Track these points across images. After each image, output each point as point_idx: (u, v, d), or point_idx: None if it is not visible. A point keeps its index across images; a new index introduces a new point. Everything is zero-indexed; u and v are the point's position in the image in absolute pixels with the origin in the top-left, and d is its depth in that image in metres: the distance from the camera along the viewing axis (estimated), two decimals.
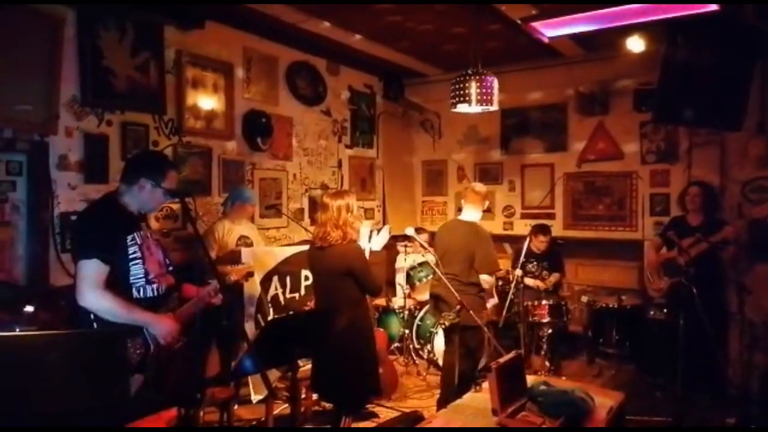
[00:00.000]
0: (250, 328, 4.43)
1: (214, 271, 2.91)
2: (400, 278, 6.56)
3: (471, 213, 4.51)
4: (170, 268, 2.95)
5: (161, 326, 2.70)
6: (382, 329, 5.50)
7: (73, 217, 4.18)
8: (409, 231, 4.17)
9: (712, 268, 4.73)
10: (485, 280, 4.36)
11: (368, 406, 4.56)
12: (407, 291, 6.00)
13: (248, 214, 4.99)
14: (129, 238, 2.71)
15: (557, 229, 6.72)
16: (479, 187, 4.62)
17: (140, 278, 2.72)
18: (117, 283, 2.64)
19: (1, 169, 3.93)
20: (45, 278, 4.06)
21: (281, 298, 4.77)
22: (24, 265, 4.05)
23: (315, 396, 4.49)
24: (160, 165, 2.91)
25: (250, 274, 4.17)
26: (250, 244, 4.75)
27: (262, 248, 4.95)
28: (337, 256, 3.47)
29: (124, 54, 4.52)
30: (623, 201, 6.48)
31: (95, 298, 2.56)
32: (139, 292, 2.72)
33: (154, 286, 2.78)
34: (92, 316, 2.59)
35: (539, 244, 5.91)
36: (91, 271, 2.57)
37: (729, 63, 4.23)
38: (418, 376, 5.62)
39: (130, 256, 2.69)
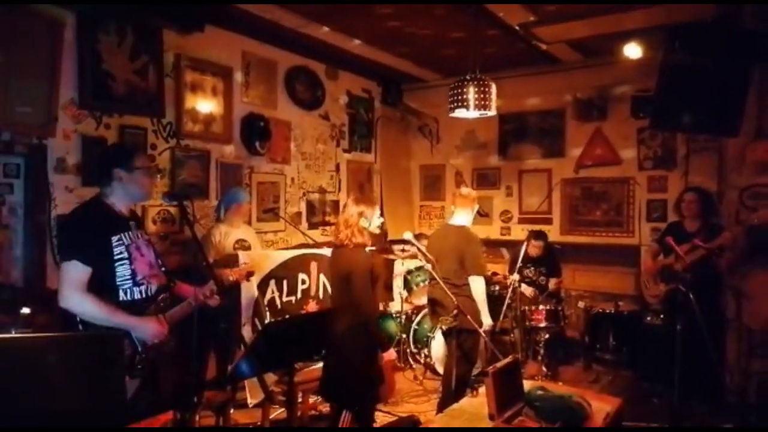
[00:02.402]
0: (247, 331, 4.42)
1: (212, 274, 2.90)
2: (399, 282, 6.56)
3: (461, 217, 4.52)
4: (163, 269, 2.91)
5: (146, 329, 2.64)
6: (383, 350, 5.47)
7: None
8: (407, 235, 4.16)
9: (709, 274, 4.73)
10: (476, 291, 4.32)
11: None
12: (405, 295, 5.99)
13: (244, 214, 4.97)
14: (115, 238, 2.66)
15: (554, 234, 6.74)
16: (466, 191, 4.65)
17: (127, 280, 2.67)
18: (102, 285, 2.60)
19: None
20: (42, 281, 4.06)
21: (278, 301, 4.76)
22: (21, 268, 4.05)
23: (311, 400, 4.49)
24: (124, 150, 3.04)
25: (251, 274, 4.16)
26: (248, 248, 4.74)
27: (260, 251, 4.95)
28: (346, 258, 3.57)
29: (123, 57, 4.53)
30: (620, 207, 6.49)
31: (75, 300, 2.54)
32: (126, 294, 2.67)
33: (143, 287, 2.73)
34: (78, 319, 2.56)
35: (534, 249, 5.92)
36: (72, 272, 2.55)
37: (727, 68, 4.23)
38: (415, 380, 5.61)
39: (116, 257, 2.64)
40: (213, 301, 2.88)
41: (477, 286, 4.28)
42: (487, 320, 4.31)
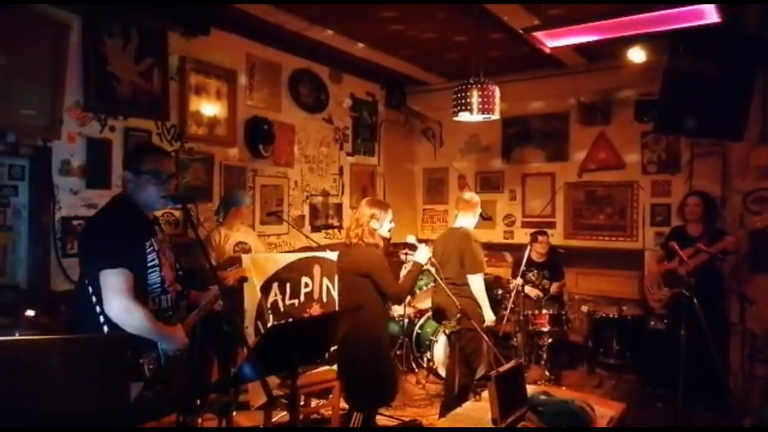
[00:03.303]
0: (250, 334, 4.41)
1: (215, 278, 2.89)
2: None
3: (464, 220, 4.61)
4: (180, 273, 2.83)
5: (174, 340, 2.53)
6: None
7: (75, 222, 4.19)
8: (410, 239, 4.17)
9: (712, 278, 4.73)
10: (475, 290, 4.36)
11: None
12: (407, 299, 5.98)
13: (244, 217, 4.98)
14: (147, 244, 2.54)
15: (558, 238, 6.72)
16: (468, 195, 4.72)
17: (157, 287, 2.56)
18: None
19: (3, 174, 3.93)
20: (46, 283, 4.06)
21: (281, 304, 4.75)
22: (25, 270, 4.05)
23: (314, 403, 4.49)
24: (135, 151, 2.86)
25: (244, 279, 4.16)
26: (248, 250, 4.75)
27: (263, 254, 4.95)
28: (357, 256, 3.64)
29: (127, 60, 4.54)
30: (624, 211, 6.48)
31: (126, 309, 2.37)
32: (154, 302, 2.55)
33: (169, 296, 2.63)
34: (102, 321, 2.41)
35: (541, 245, 5.92)
36: (123, 280, 2.38)
37: (731, 72, 4.23)
38: (418, 384, 5.60)
39: (149, 264, 2.53)
40: (217, 306, 2.88)
41: (475, 283, 4.38)
42: (489, 315, 4.38)
